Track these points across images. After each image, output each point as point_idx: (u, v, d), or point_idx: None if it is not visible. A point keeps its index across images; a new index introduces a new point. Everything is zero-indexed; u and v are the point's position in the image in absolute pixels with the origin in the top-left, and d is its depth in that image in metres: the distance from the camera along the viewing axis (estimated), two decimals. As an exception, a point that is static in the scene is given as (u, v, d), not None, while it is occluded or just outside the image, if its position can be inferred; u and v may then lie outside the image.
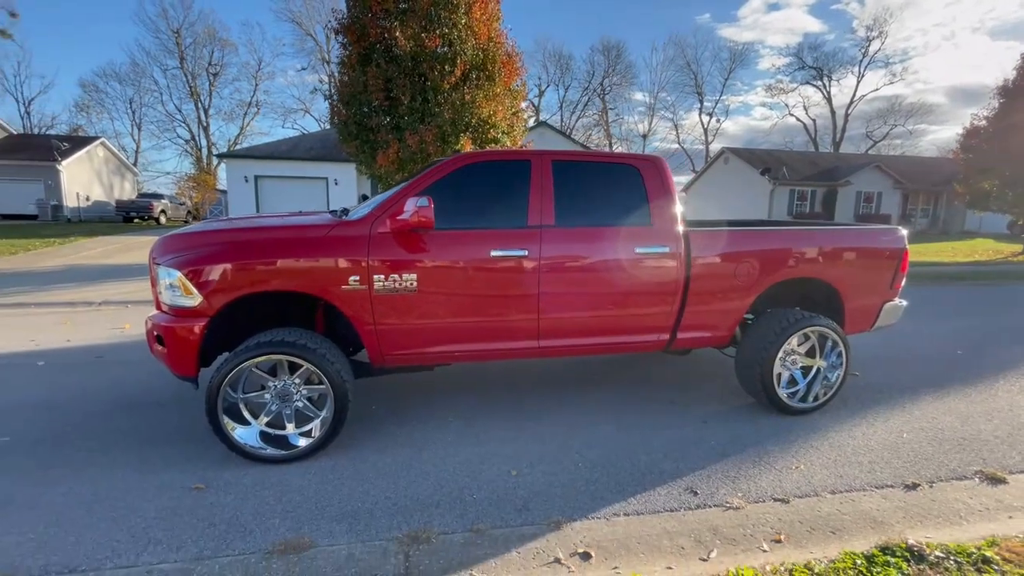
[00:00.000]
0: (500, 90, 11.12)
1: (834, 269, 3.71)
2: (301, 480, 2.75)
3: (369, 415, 3.61)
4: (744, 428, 3.46)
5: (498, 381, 4.32)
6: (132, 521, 2.38)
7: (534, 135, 24.01)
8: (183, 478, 2.75)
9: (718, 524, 2.43)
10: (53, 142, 26.51)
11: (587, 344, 3.43)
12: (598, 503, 2.58)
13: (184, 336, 2.88)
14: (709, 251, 3.49)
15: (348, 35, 10.92)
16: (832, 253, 3.69)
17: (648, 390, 4.16)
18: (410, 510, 2.50)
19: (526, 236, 3.21)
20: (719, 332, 3.64)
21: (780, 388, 3.61)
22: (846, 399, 3.97)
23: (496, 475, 2.83)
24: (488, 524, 2.40)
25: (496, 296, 3.21)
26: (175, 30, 43.41)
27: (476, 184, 3.31)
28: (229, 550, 2.21)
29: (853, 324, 3.89)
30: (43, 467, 2.86)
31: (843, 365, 3.69)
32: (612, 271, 3.34)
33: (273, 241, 2.98)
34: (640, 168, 3.47)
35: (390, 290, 3.03)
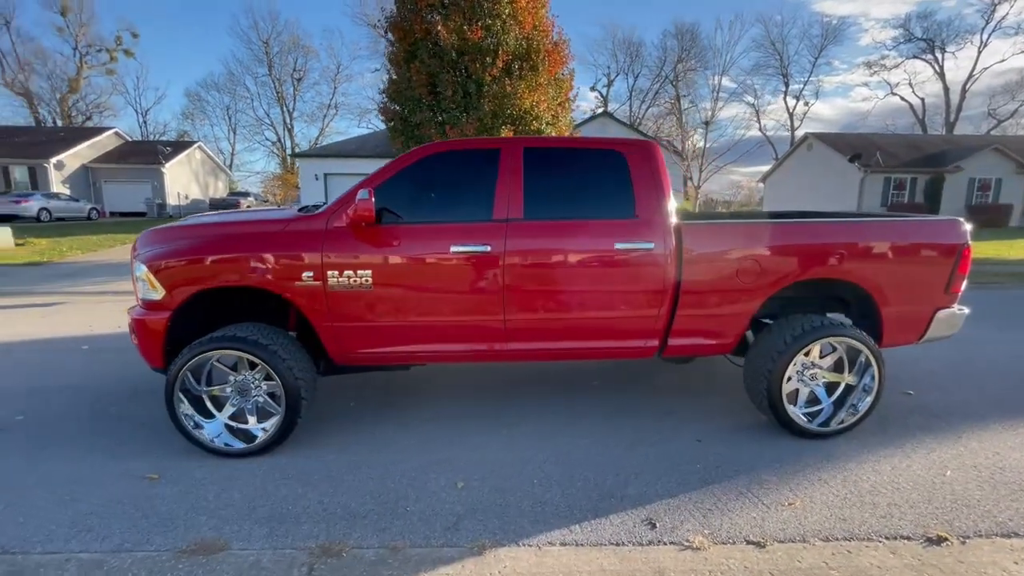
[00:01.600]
0: (544, 80, 10.82)
1: (864, 268, 3.11)
2: (248, 476, 2.73)
3: (348, 412, 3.56)
4: (743, 451, 3.01)
5: (490, 380, 4.11)
6: (78, 507, 2.46)
7: (595, 126, 23.37)
8: (145, 467, 2.82)
9: (666, 567, 2.08)
10: (159, 147, 29.69)
11: (560, 349, 3.14)
12: (538, 528, 2.32)
13: (152, 328, 2.96)
14: (705, 247, 3.05)
15: (395, 32, 11.11)
16: (860, 250, 3.10)
17: (647, 398, 3.77)
18: (337, 518, 2.39)
19: (490, 230, 2.97)
20: (720, 339, 3.19)
21: (795, 407, 3.11)
22: (886, 422, 3.35)
23: (441, 486, 2.65)
24: (408, 542, 2.22)
25: (458, 295, 3.01)
26: (264, 40, 47.02)
27: (442, 175, 3.13)
28: (148, 545, 2.21)
29: (894, 334, 3.26)
30: (37, 447, 3.07)
31: (875, 386, 3.10)
32: (587, 269, 3.02)
33: (230, 236, 2.98)
34: (626, 154, 3.10)
35: (345, 287, 2.92)
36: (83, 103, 48.02)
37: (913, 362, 4.48)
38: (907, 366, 4.40)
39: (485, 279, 2.97)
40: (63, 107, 46.73)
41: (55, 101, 46.59)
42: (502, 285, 2.97)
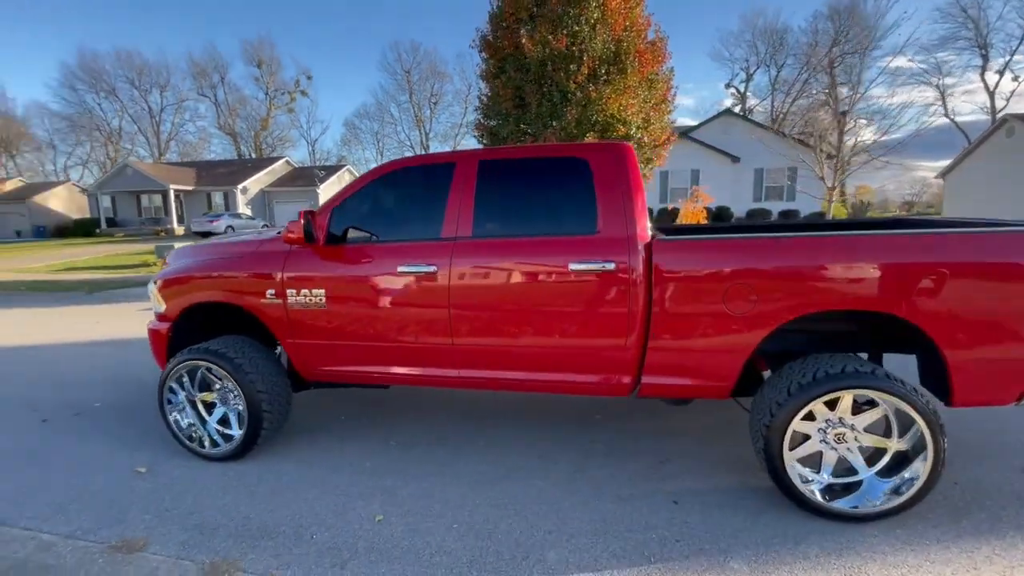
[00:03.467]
0: (633, 82, 10.20)
1: (913, 298, 2.28)
2: (210, 481, 2.92)
3: (331, 427, 3.63)
4: (723, 524, 2.39)
5: (489, 405, 3.90)
6: (69, 491, 2.85)
7: (717, 126, 21.50)
8: (144, 460, 3.19)
9: (530, 662, 1.71)
10: (315, 171, 34.52)
11: (514, 379, 2.83)
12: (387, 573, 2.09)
13: (158, 335, 3.35)
14: (681, 267, 2.51)
15: (486, 50, 11.42)
16: (903, 272, 2.28)
17: (649, 440, 3.23)
18: (250, 535, 2.42)
19: (437, 249, 2.80)
20: (708, 380, 2.59)
21: (818, 474, 2.41)
22: (960, 510, 2.42)
23: (362, 517, 2.54)
24: (284, 574, 2.15)
25: (406, 316, 2.89)
26: (406, 70, 52.06)
27: (400, 193, 3.05)
28: (92, 535, 2.46)
29: (970, 390, 2.34)
30: (85, 432, 3.64)
31: (927, 462, 2.26)
32: (539, 292, 2.68)
33: (212, 258, 3.24)
34: (591, 161, 2.70)
35: (302, 305, 2.99)
36: (270, 138, 58.07)
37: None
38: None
39: (432, 301, 2.81)
40: (256, 142, 57.01)
41: (251, 138, 57.09)
42: (449, 307, 2.78)
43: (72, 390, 4.50)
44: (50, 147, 57.58)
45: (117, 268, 14.39)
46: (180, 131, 58.07)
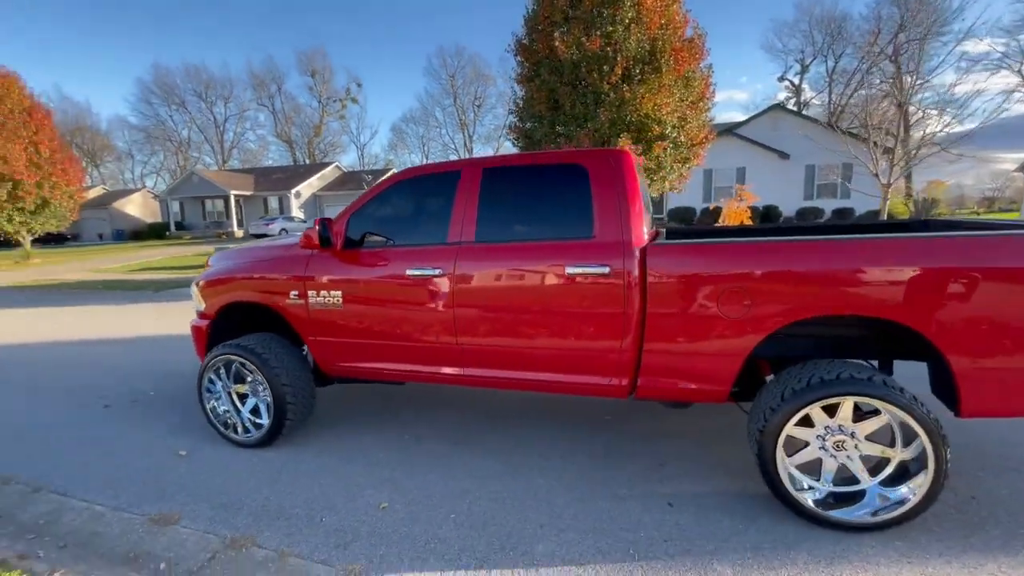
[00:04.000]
0: (669, 80, 10.03)
1: (913, 304, 2.21)
2: (239, 466, 3.19)
3: (355, 420, 3.86)
4: (716, 527, 2.40)
5: (501, 404, 4.01)
6: (118, 469, 3.20)
7: (765, 121, 20.71)
8: (188, 444, 3.52)
9: (503, 643, 1.81)
10: (362, 175, 35.81)
11: (517, 379, 2.93)
12: (415, 564, 2.24)
13: (199, 331, 3.68)
14: (674, 271, 2.54)
15: (521, 54, 11.54)
16: (901, 276, 2.21)
17: (652, 442, 3.24)
18: (268, 515, 2.65)
19: (443, 253, 2.95)
20: (704, 384, 2.60)
21: (812, 480, 2.39)
22: (975, 526, 2.32)
23: (368, 504, 2.72)
24: (296, 551, 2.36)
25: (415, 317, 3.05)
26: (451, 75, 53.05)
27: (410, 200, 3.22)
28: (136, 508, 2.77)
29: (979, 400, 2.24)
30: (143, 418, 4.05)
31: (927, 472, 2.19)
32: (537, 294, 2.78)
33: (249, 261, 3.53)
34: (589, 167, 2.77)
35: (321, 305, 3.22)
36: (323, 144, 60.70)
37: None
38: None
39: (438, 302, 2.96)
40: (310, 148, 59.74)
41: (304, 144, 59.88)
42: (454, 308, 2.93)
43: (133, 380, 4.97)
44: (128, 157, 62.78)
45: (182, 269, 15.55)
46: (241, 139, 61.85)
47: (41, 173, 20.04)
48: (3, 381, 5.19)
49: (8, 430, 3.90)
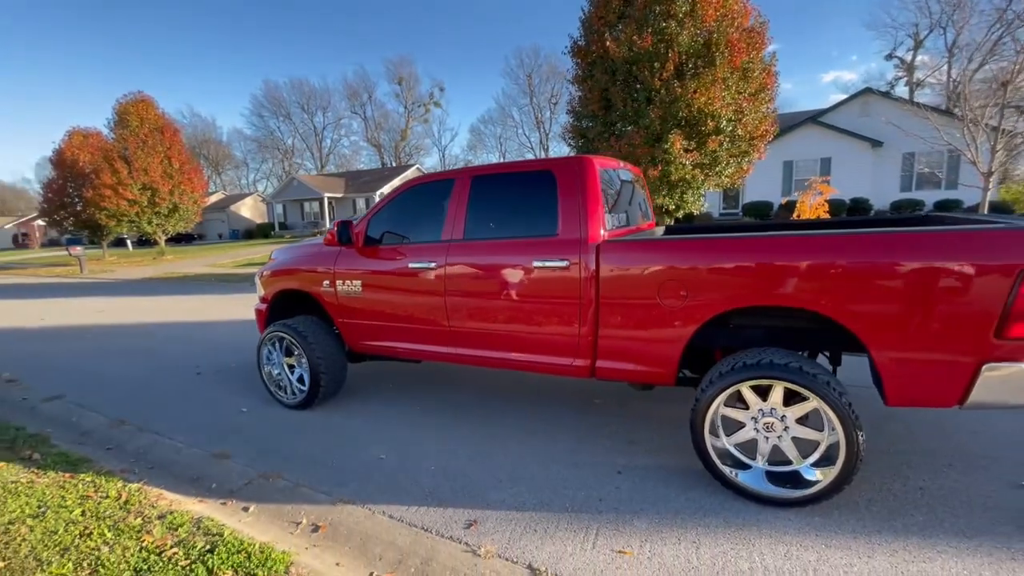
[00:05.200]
0: (723, 73, 9.79)
1: (836, 297, 2.35)
2: (283, 423, 3.94)
3: (384, 391, 4.52)
4: (652, 492, 2.70)
5: (507, 385, 4.47)
6: (198, 419, 4.09)
7: (854, 107, 19.09)
8: (244, 404, 4.36)
9: (439, 557, 2.30)
10: (441, 176, 37.50)
11: (496, 358, 3.38)
12: (386, 497, 2.78)
13: (260, 313, 4.53)
14: (622, 266, 2.85)
15: (576, 55, 11.79)
16: (824, 271, 2.35)
17: (629, 423, 3.53)
18: (295, 458, 3.33)
19: (437, 250, 3.47)
20: (651, 367, 2.88)
21: (756, 462, 2.61)
22: (880, 504, 2.41)
23: (369, 455, 3.30)
24: (308, 484, 3.00)
25: (414, 303, 3.60)
26: (528, 74, 53.78)
27: (417, 204, 3.76)
28: (204, 447, 3.58)
29: (902, 390, 2.34)
30: (213, 384, 5.01)
31: (838, 452, 2.34)
32: (511, 284, 3.20)
33: (296, 256, 4.29)
34: (556, 173, 3.14)
35: (346, 293, 3.89)
36: (408, 147, 64.24)
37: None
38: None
39: (433, 291, 3.49)
40: (396, 152, 63.48)
41: (392, 148, 63.74)
42: (445, 296, 3.44)
43: (222, 354, 6.06)
44: (244, 165, 70.70)
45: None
46: (337, 146, 67.16)
47: (172, 182, 23.50)
48: (130, 351, 6.54)
49: (127, 387, 5.02)
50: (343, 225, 3.69)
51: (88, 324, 8.76)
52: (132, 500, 2.74)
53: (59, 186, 25.20)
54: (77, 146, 25.20)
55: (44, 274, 21.25)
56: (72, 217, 25.19)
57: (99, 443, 3.78)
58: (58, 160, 25.34)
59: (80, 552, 2.25)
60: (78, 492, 2.83)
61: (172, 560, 2.18)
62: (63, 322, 9.08)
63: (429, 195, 3.69)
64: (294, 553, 2.30)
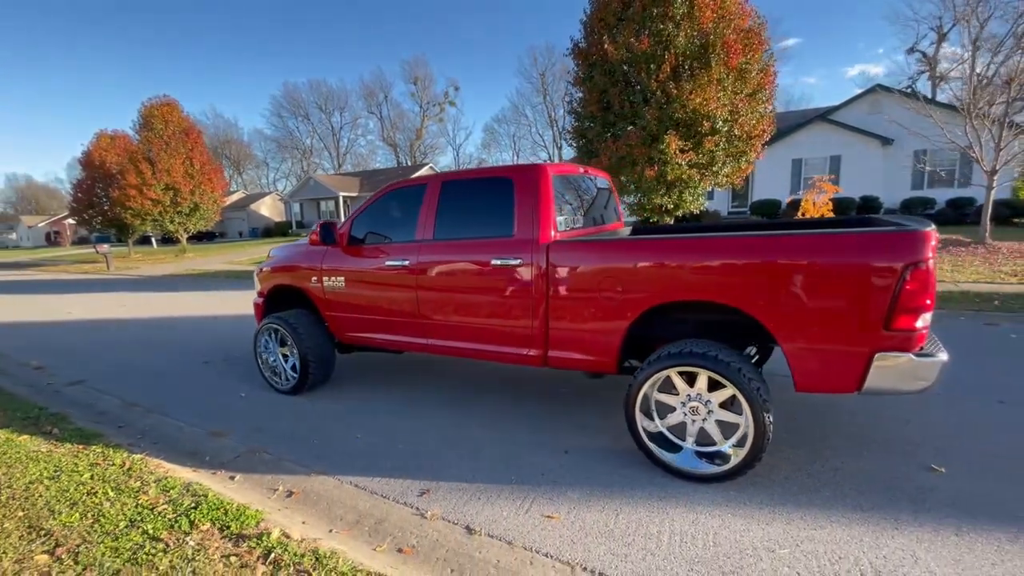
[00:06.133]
0: (719, 74, 9.93)
1: (743, 291, 2.61)
2: (275, 407, 4.32)
3: (373, 380, 4.88)
4: (593, 471, 2.99)
5: (484, 376, 4.80)
6: (201, 403, 4.50)
7: (864, 105, 18.87)
8: (243, 389, 4.77)
9: (389, 519, 2.63)
10: (454, 175, 37.98)
11: (462, 348, 3.69)
12: (360, 470, 3.12)
13: (257, 307, 4.93)
14: (567, 264, 3.14)
15: (576, 58, 12.02)
16: (736, 269, 2.61)
17: (584, 410, 3.81)
18: (280, 437, 3.70)
19: (410, 249, 3.80)
20: (594, 356, 3.17)
21: (686, 443, 2.89)
22: (795, 483, 2.66)
23: (349, 436, 3.66)
24: (291, 458, 3.36)
25: (391, 298, 3.94)
26: (541, 73, 53.95)
27: (393, 208, 4.10)
28: (203, 426, 3.98)
29: (807, 378, 2.58)
30: (217, 373, 5.44)
31: (748, 433, 2.60)
32: (473, 281, 3.52)
33: (289, 254, 4.67)
34: (514, 179, 3.44)
35: (332, 288, 4.25)
36: (423, 146, 65.00)
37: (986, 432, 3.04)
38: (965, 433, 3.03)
39: (406, 286, 3.82)
40: (411, 151, 64.28)
41: (407, 147, 64.55)
42: (416, 291, 3.77)
43: (229, 345, 6.50)
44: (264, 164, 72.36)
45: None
46: (354, 145, 68.36)
47: (194, 182, 24.37)
48: (147, 342, 7.04)
49: (141, 375, 5.48)
50: (325, 226, 4.05)
51: (111, 318, 9.35)
52: (134, 468, 3.14)
53: (87, 186, 26.31)
54: (104, 148, 26.28)
55: (73, 271, 22.30)
56: (100, 216, 26.29)
57: (112, 422, 4.21)
58: (86, 161, 26.45)
59: (86, 506, 2.65)
60: (89, 460, 3.24)
61: (161, 514, 2.55)
62: (88, 316, 9.70)
63: (405, 198, 4.02)
64: (266, 512, 2.65)
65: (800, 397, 3.72)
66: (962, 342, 5.13)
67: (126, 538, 2.34)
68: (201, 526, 2.43)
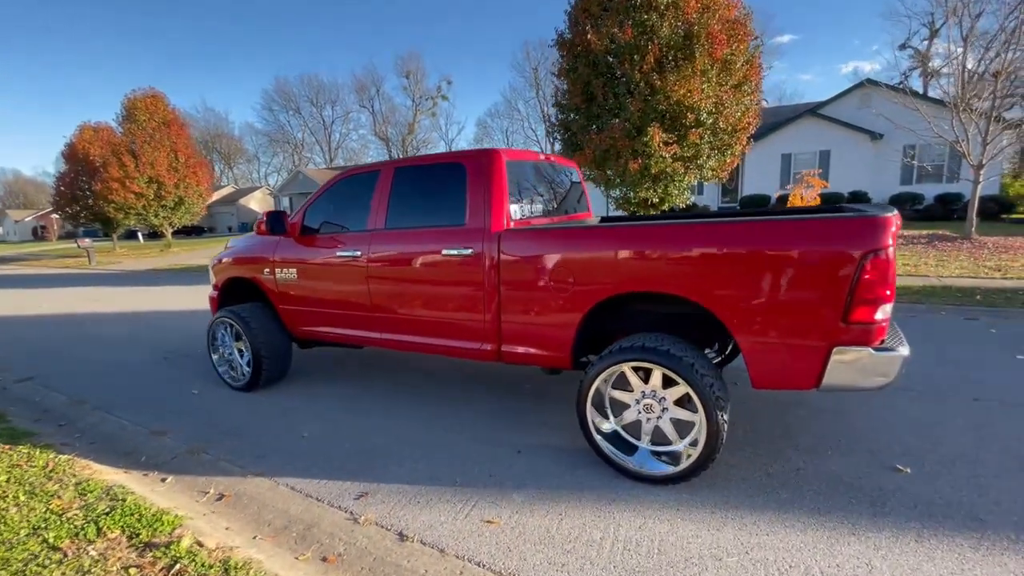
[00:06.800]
0: (703, 65, 9.76)
1: (694, 281, 2.46)
2: (227, 403, 4.14)
3: (333, 375, 4.71)
4: (545, 470, 2.83)
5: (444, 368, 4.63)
6: (149, 399, 4.31)
7: (853, 98, 18.83)
8: (197, 385, 4.58)
9: (320, 522, 2.46)
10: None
11: (415, 343, 3.52)
12: (300, 472, 2.95)
13: (212, 300, 4.73)
14: (518, 254, 2.97)
15: (561, 48, 11.81)
16: (690, 260, 2.45)
17: (547, 407, 3.66)
18: (225, 435, 3.52)
19: (362, 239, 3.62)
20: (548, 351, 3.01)
21: (643, 443, 2.75)
22: (753, 483, 2.52)
23: (294, 434, 3.48)
24: (229, 459, 3.19)
25: (343, 291, 3.76)
26: (534, 68, 53.50)
27: (346, 196, 3.91)
28: (147, 425, 3.79)
29: (764, 374, 2.43)
30: (173, 365, 5.24)
31: (701, 432, 2.45)
32: (424, 272, 3.34)
33: (242, 246, 4.47)
34: (466, 165, 3.26)
35: (284, 280, 4.06)
36: (415, 140, 64.50)
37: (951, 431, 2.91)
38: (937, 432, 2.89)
39: (357, 278, 3.64)
40: (404, 145, 63.76)
41: (399, 142, 64.06)
42: (367, 284, 3.59)
43: (194, 341, 6.29)
44: (255, 159, 71.67)
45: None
46: (346, 140, 67.74)
47: (178, 176, 23.99)
48: (110, 337, 6.82)
49: (96, 370, 5.27)
50: (273, 215, 3.86)
51: (80, 312, 9.11)
52: (57, 469, 2.95)
53: (70, 180, 25.85)
54: (88, 140, 25.76)
55: (55, 265, 21.92)
56: (84, 210, 25.85)
57: (54, 420, 4.01)
58: (69, 154, 25.97)
59: (-10, 512, 2.47)
60: (10, 461, 3.05)
61: (70, 520, 2.37)
62: (57, 311, 9.45)
63: (358, 186, 3.83)
64: (188, 518, 2.48)
65: (767, 394, 3.59)
66: (941, 337, 5.02)
67: (21, 548, 2.16)
68: (110, 534, 2.26)
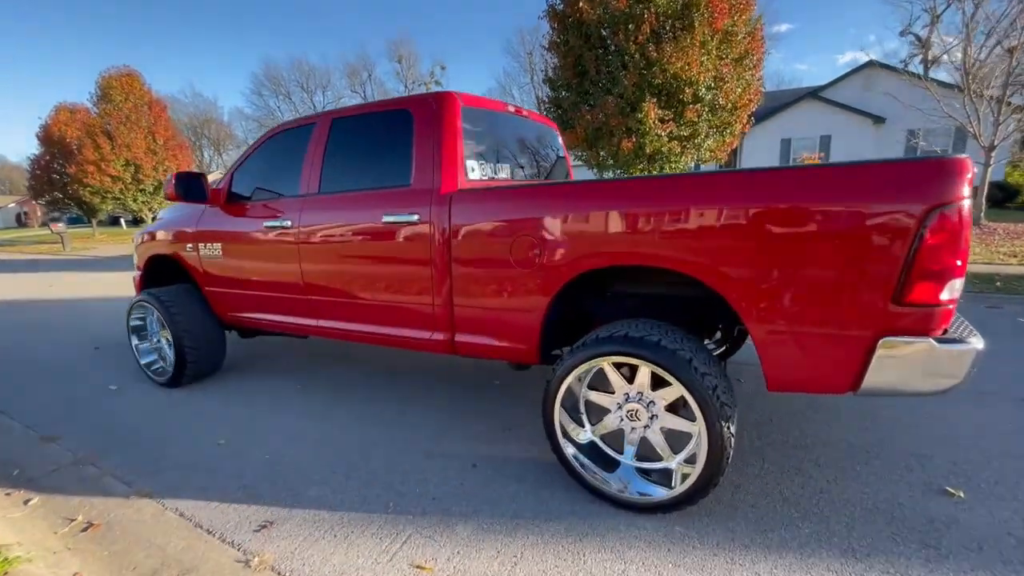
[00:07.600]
0: (703, 36, 9.09)
1: (694, 251, 1.85)
2: (142, 401, 3.53)
3: (266, 368, 4.10)
4: (498, 485, 2.25)
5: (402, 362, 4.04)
6: (57, 397, 3.68)
7: (856, 81, 18.19)
8: (117, 381, 3.96)
9: (206, 559, 1.87)
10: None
11: (356, 331, 2.91)
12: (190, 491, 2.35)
13: (136, 281, 4.09)
14: (473, 221, 2.36)
15: (551, 20, 11.09)
16: (675, 221, 1.85)
17: (517, 409, 3.08)
18: (125, 440, 2.92)
19: (293, 205, 3.00)
20: (510, 342, 2.41)
21: (625, 456, 2.16)
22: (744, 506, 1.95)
23: (210, 440, 2.88)
24: (116, 472, 2.58)
25: (272, 270, 3.15)
26: (528, 52, 52.28)
27: (278, 155, 3.27)
28: (41, 429, 3.18)
29: (782, 371, 1.83)
30: (104, 356, 4.62)
31: (701, 446, 1.87)
32: (364, 245, 2.73)
33: (166, 219, 3.83)
34: (413, 111, 2.64)
35: (208, 257, 3.43)
36: (408, 127, 63.32)
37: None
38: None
39: (287, 254, 3.02)
40: (396, 132, 62.66)
41: (392, 128, 62.87)
42: (300, 261, 2.98)
43: (134, 329, 5.66)
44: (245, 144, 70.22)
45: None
46: (337, 126, 66.29)
47: (157, 158, 23.06)
48: (45, 325, 6.16)
49: (10, 363, 4.63)
50: (185, 177, 3.19)
51: (27, 299, 8.43)
52: None
53: (45, 163, 24.90)
54: (64, 122, 24.72)
55: (29, 251, 21.04)
56: (60, 194, 24.92)
57: (-66, 421, 3.39)
58: (45, 136, 24.97)
59: None
60: None
61: None
62: (5, 296, 8.76)
63: (292, 142, 3.18)
64: (26, 559, 1.88)
65: (778, 394, 3.01)
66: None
67: None
68: None
